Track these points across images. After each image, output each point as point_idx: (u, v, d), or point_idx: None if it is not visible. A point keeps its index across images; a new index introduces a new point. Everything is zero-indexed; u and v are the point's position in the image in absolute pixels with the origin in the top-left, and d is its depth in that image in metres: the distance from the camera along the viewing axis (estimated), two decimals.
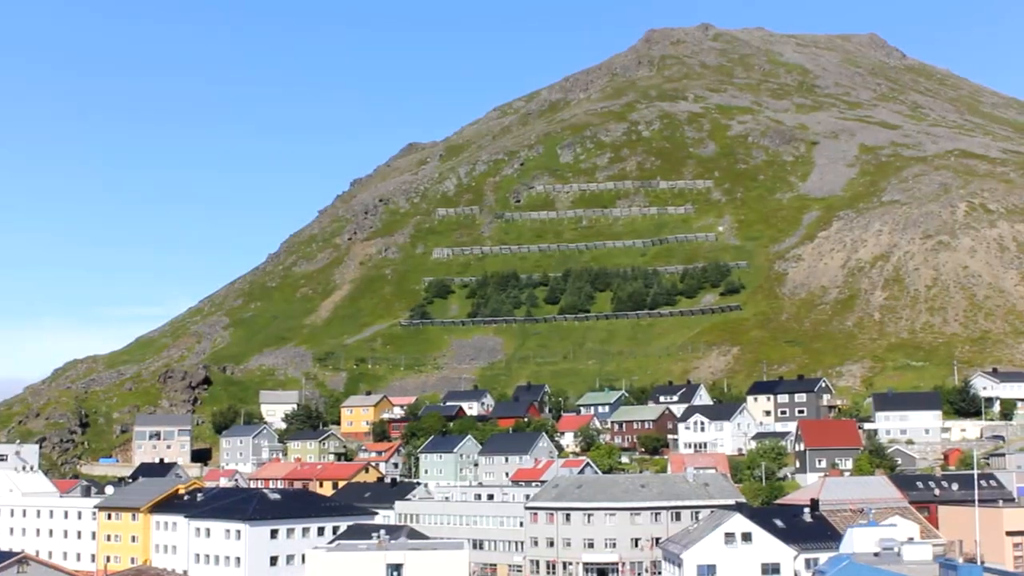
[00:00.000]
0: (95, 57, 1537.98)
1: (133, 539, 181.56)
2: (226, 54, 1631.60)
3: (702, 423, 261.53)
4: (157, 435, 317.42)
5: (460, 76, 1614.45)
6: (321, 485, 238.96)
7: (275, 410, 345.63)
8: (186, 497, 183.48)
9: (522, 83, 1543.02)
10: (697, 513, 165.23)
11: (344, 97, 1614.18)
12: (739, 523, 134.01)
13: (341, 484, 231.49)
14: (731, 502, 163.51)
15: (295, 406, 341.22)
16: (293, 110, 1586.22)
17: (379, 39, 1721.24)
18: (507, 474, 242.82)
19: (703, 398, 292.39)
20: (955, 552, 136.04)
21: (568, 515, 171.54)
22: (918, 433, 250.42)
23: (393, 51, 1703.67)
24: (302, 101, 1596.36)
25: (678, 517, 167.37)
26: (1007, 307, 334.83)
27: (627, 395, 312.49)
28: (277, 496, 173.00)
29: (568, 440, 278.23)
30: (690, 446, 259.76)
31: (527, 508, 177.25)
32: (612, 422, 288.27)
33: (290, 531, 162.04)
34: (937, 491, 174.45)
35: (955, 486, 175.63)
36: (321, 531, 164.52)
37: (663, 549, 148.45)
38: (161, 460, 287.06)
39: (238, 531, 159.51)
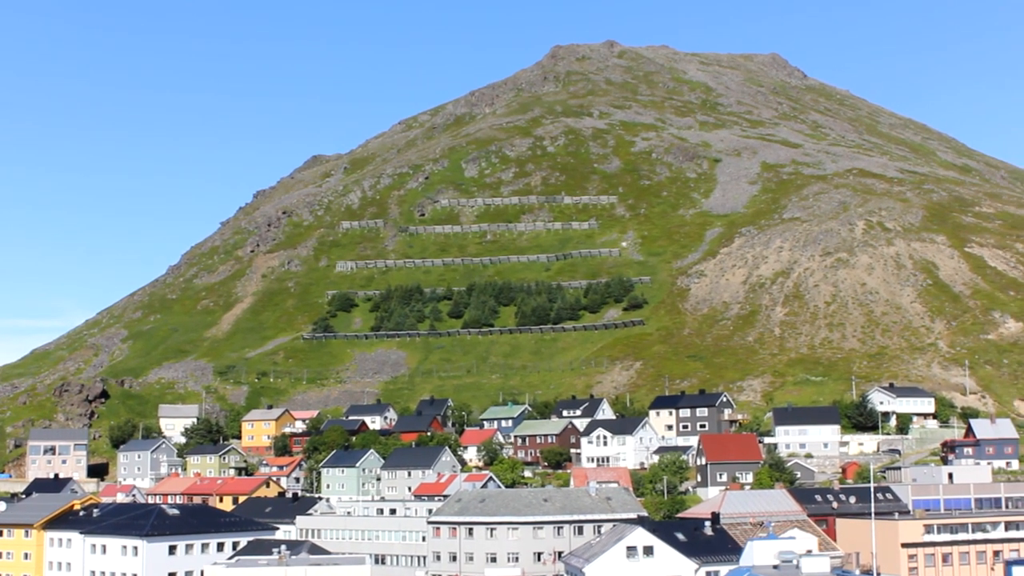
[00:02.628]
0: None
1: (26, 556, 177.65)
2: (129, 59, 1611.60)
3: (605, 437, 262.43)
4: (52, 450, 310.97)
5: (366, 88, 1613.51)
6: (221, 500, 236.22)
7: (174, 424, 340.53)
8: (82, 513, 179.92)
9: (428, 96, 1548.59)
10: (599, 527, 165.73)
11: (248, 107, 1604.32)
12: (641, 537, 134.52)
13: (241, 499, 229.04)
14: (633, 516, 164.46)
15: (195, 420, 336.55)
16: (196, 119, 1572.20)
17: (284, 50, 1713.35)
18: (410, 488, 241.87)
19: (606, 412, 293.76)
20: (852, 564, 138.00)
21: (471, 529, 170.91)
22: (817, 447, 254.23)
23: (298, 62, 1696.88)
24: (205, 110, 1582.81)
25: (580, 531, 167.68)
26: (903, 323, 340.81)
27: (530, 409, 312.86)
28: (176, 511, 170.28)
29: (471, 454, 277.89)
30: (593, 460, 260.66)
31: (430, 523, 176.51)
32: (515, 436, 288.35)
33: (189, 547, 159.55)
34: (835, 504, 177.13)
35: (852, 499, 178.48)
36: (221, 547, 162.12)
37: (565, 563, 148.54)
38: (56, 475, 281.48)
39: (135, 547, 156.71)
